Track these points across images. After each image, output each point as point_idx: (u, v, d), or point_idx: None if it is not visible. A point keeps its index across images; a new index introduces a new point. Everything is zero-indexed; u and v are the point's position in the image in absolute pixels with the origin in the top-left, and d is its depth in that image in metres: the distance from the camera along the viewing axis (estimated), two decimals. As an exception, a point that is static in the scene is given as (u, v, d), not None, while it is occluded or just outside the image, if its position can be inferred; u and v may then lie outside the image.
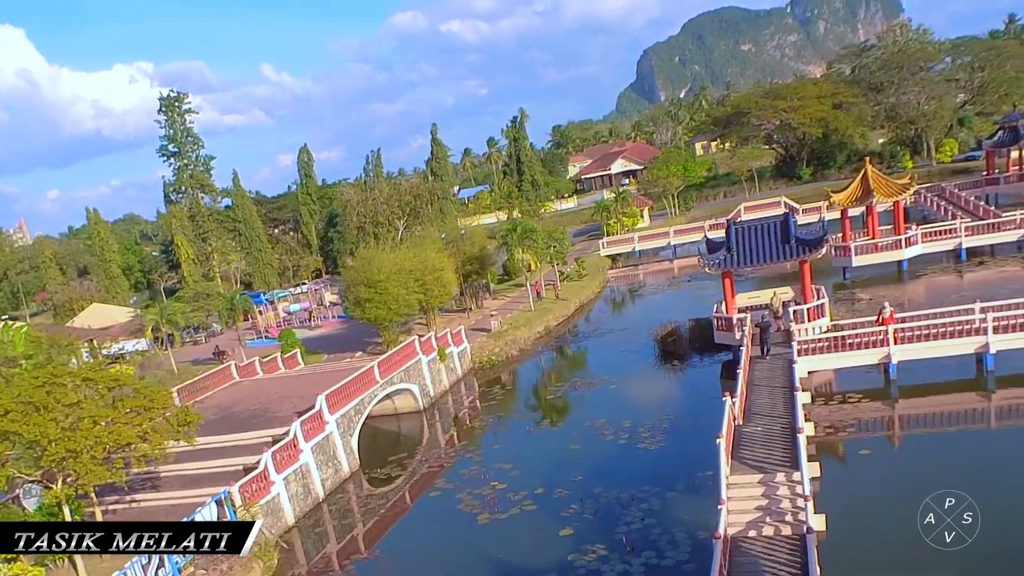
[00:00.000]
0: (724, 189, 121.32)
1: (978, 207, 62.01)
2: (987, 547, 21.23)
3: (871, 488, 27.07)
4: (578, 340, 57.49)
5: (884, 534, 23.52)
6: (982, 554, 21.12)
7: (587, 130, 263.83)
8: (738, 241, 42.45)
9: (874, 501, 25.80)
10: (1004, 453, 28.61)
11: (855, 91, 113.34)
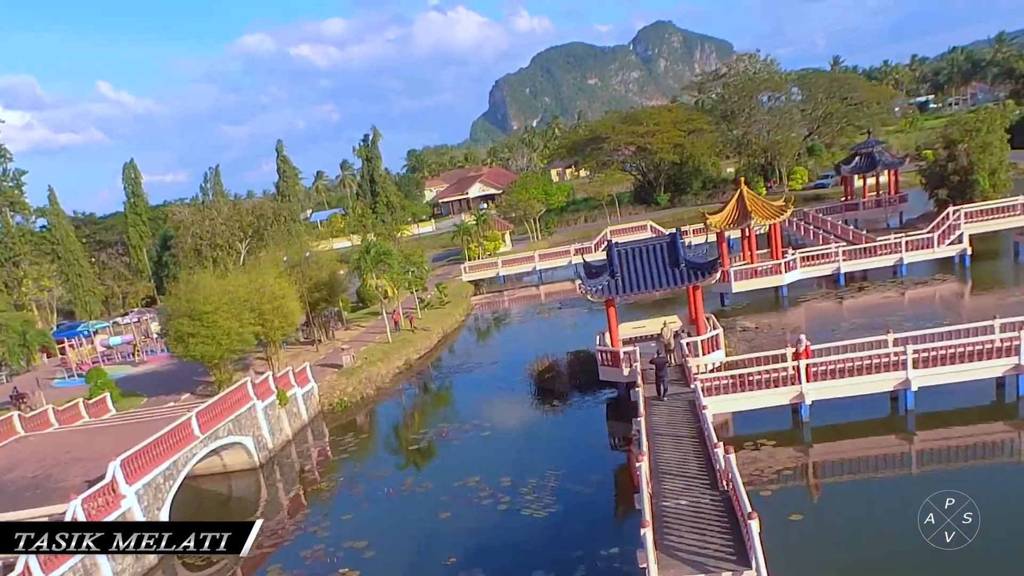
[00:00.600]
0: (585, 214, 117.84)
1: (847, 231, 59.68)
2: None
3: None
4: (444, 376, 50.65)
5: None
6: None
7: (443, 155, 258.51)
8: (622, 264, 36.98)
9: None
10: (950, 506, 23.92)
11: (708, 119, 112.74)
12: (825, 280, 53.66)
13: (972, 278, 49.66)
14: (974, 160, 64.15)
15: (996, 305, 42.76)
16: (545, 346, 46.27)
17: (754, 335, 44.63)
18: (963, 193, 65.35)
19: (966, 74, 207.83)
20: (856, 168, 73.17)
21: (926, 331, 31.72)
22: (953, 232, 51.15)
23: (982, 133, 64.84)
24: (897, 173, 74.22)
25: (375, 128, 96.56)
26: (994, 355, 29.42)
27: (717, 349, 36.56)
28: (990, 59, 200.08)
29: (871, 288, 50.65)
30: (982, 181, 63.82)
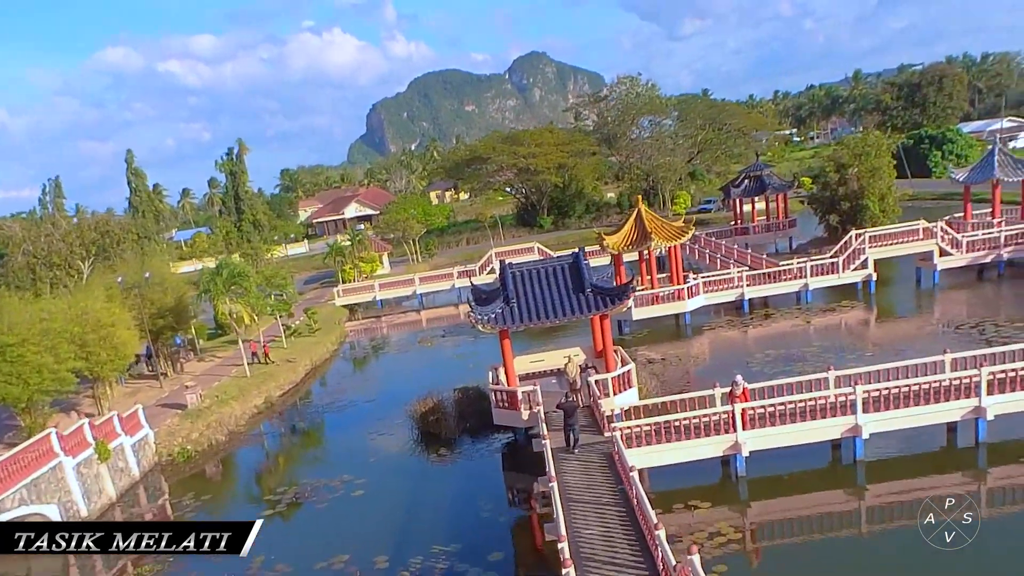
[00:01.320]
0: (467, 236, 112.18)
1: (745, 255, 56.14)
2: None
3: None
4: (311, 416, 43.30)
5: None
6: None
7: (318, 175, 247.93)
8: (518, 290, 31.20)
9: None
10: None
11: (591, 140, 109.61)
12: (726, 307, 49.60)
13: (878, 305, 46.60)
14: (864, 185, 62.22)
15: (913, 335, 39.49)
16: (428, 380, 40.03)
17: (662, 368, 39.69)
18: (854, 218, 63.32)
19: (826, 109, 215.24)
20: (746, 191, 70.47)
21: (870, 368, 27.17)
22: (858, 257, 48.02)
23: (871, 157, 63.06)
24: (786, 198, 72.04)
25: (241, 141, 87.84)
26: (952, 395, 25.12)
27: (629, 387, 31.19)
28: (847, 95, 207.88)
29: (777, 316, 46.79)
30: (872, 206, 61.90)
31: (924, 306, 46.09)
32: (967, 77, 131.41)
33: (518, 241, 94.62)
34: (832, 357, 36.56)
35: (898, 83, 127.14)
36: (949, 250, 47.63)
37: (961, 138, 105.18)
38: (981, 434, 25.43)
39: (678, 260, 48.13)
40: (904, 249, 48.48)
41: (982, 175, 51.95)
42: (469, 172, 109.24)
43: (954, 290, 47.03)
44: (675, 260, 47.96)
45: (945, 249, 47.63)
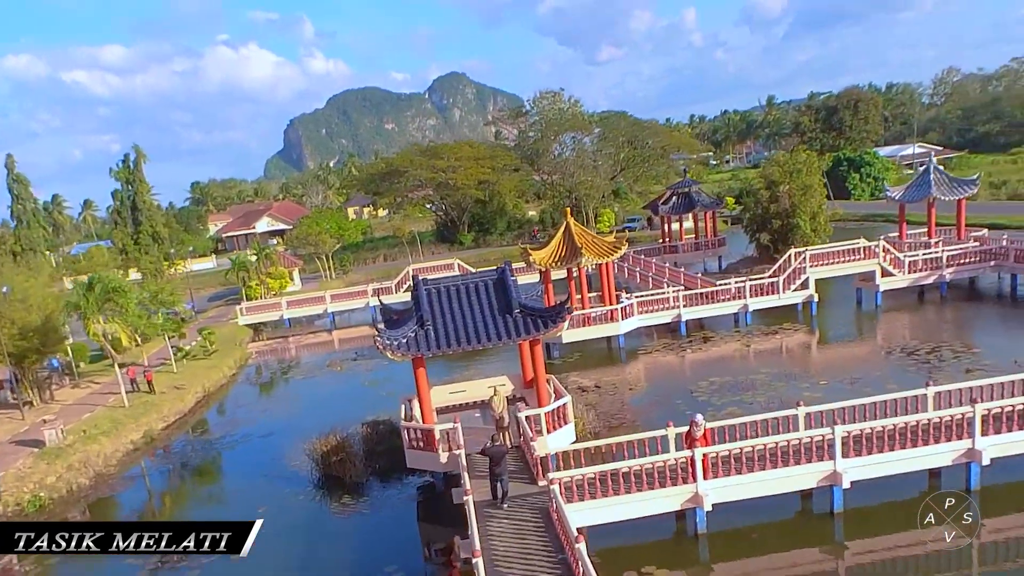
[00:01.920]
0: (384, 252, 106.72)
1: (677, 274, 52.68)
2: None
3: None
4: (196, 455, 37.29)
5: None
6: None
7: (231, 189, 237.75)
8: (435, 310, 26.52)
9: None
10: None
11: (512, 156, 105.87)
12: (662, 329, 45.84)
13: (820, 328, 43.52)
14: (796, 203, 59.74)
15: (862, 361, 36.26)
16: (336, 411, 35.16)
17: (597, 396, 35.42)
18: (785, 237, 60.77)
19: (741, 133, 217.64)
20: (674, 208, 67.40)
21: (843, 404, 23.29)
22: (798, 277, 44.91)
23: (802, 175, 60.69)
24: (715, 215, 69.31)
25: (138, 148, 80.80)
26: (942, 437, 21.46)
27: (565, 423, 26.74)
28: (762, 120, 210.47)
29: (716, 339, 43.17)
30: (803, 225, 59.41)
31: (868, 329, 43.15)
32: (881, 101, 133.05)
33: (438, 258, 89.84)
34: (783, 386, 33.01)
35: (815, 106, 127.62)
36: (891, 270, 44.96)
37: (878, 161, 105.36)
38: (973, 480, 21.84)
39: (610, 278, 44.15)
40: (845, 269, 45.60)
41: (918, 194, 49.77)
42: (385, 186, 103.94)
43: (896, 312, 44.33)
44: (607, 278, 43.95)
45: (887, 269, 44.94)
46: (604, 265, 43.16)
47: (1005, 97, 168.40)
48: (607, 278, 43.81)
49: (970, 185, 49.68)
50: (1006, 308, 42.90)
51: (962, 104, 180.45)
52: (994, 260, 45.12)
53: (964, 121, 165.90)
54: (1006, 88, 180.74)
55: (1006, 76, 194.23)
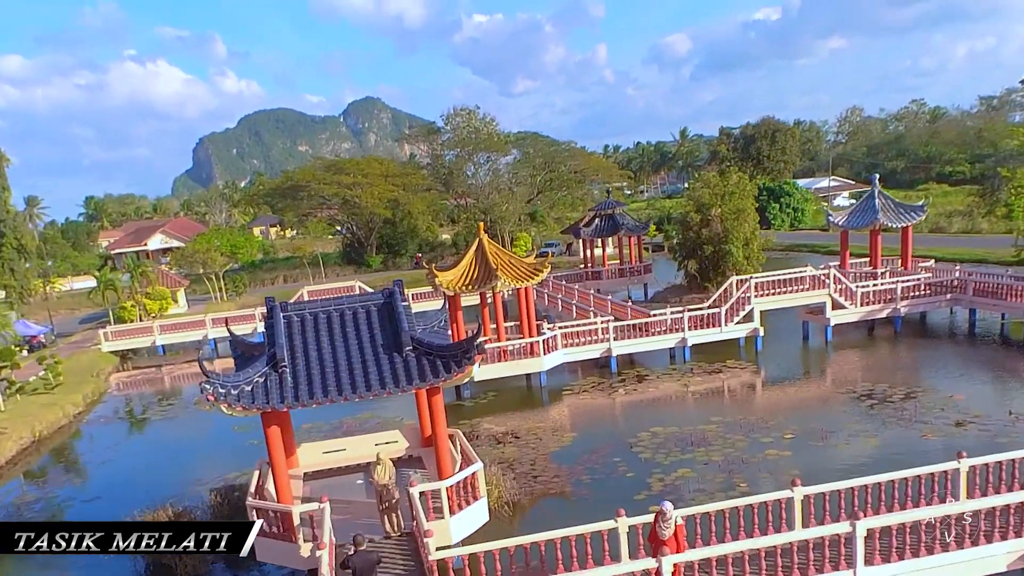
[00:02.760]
0: (284, 273, 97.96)
1: (604, 303, 46.59)
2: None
3: None
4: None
5: None
6: None
7: (128, 204, 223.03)
8: (295, 346, 19.37)
9: None
10: None
11: (424, 175, 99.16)
12: (586, 365, 39.47)
13: (766, 366, 37.82)
14: (728, 228, 54.66)
15: (822, 407, 30.51)
16: (190, 465, 27.58)
17: (515, 450, 28.55)
18: (716, 265, 55.60)
19: (656, 164, 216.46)
20: (597, 231, 61.64)
21: (850, 483, 16.96)
22: (742, 307, 39.25)
23: (735, 198, 55.75)
24: (640, 240, 63.85)
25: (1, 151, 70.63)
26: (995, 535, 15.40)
27: (475, 499, 19.79)
28: (676, 151, 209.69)
29: (652, 377, 36.95)
30: (735, 252, 54.32)
31: (821, 368, 37.59)
32: (798, 133, 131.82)
33: (342, 279, 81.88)
34: (742, 440, 26.88)
35: (732, 135, 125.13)
36: (843, 302, 39.77)
37: (797, 191, 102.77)
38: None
39: (530, 306, 37.48)
40: (791, 300, 40.20)
41: (863, 220, 45.12)
42: (288, 203, 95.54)
43: (849, 349, 39.06)
44: (527, 306, 37.26)
45: (838, 301, 39.73)
46: (523, 290, 36.56)
47: (908, 136, 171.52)
48: (527, 306, 37.18)
49: (918, 211, 45.37)
50: (967, 347, 38.06)
51: (867, 142, 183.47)
52: (950, 293, 40.49)
53: (870, 157, 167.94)
54: (907, 128, 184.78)
55: (906, 117, 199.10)
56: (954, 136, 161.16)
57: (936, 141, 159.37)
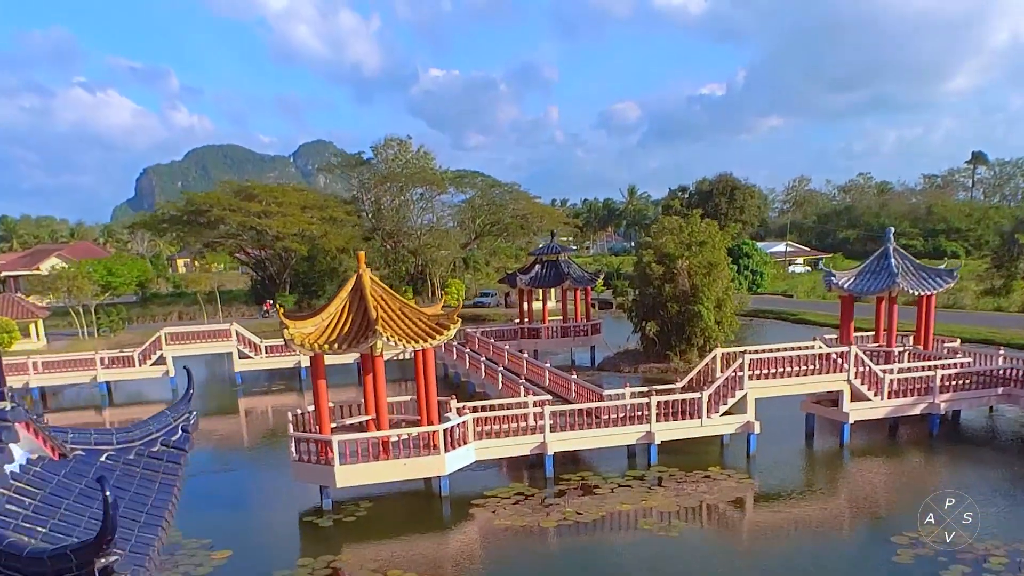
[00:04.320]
0: (180, 309, 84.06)
1: (540, 371, 34.84)
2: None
3: None
4: None
5: None
6: None
7: (43, 227, 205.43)
8: None
9: None
10: None
11: (350, 209, 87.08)
12: (511, 465, 27.36)
13: (761, 476, 26.22)
14: (698, 284, 43.73)
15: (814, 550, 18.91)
16: None
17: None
18: (681, 329, 44.51)
19: (603, 220, 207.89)
20: (538, 279, 50.16)
21: None
22: (733, 392, 27.69)
23: (706, 249, 44.99)
24: (588, 293, 52.44)
25: None
26: None
27: None
28: (623, 209, 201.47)
29: (604, 489, 24.76)
30: (705, 314, 43.39)
31: (832, 485, 26.15)
32: (758, 194, 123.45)
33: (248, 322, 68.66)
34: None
35: (688, 190, 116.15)
36: (866, 392, 28.60)
37: (757, 253, 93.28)
38: None
39: (429, 377, 25.16)
40: (796, 387, 28.83)
41: (876, 284, 34.35)
42: (187, 231, 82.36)
43: (870, 458, 27.78)
44: (424, 377, 25.01)
45: (860, 391, 28.56)
46: (422, 354, 24.44)
47: (858, 207, 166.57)
48: (424, 377, 24.95)
49: (946, 277, 34.78)
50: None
51: (816, 211, 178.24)
52: (1002, 387, 29.72)
53: (820, 225, 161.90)
54: (856, 199, 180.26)
55: (852, 189, 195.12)
56: (905, 209, 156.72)
57: (886, 213, 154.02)
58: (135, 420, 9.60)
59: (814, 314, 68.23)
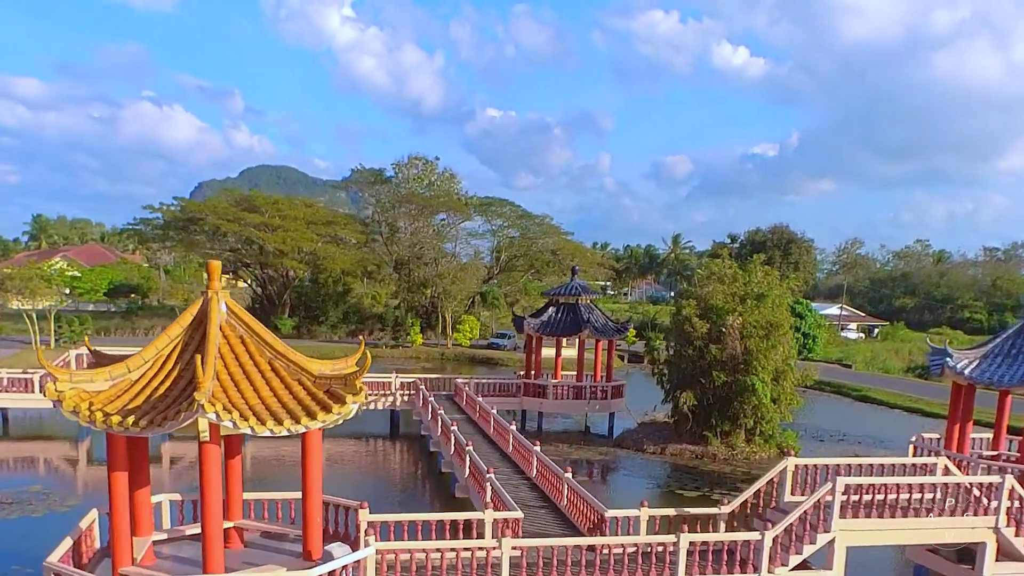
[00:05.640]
0: (164, 322, 75.38)
1: (527, 455, 24.70)
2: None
3: None
4: None
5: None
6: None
7: (76, 229, 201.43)
8: None
9: None
10: None
11: (362, 229, 78.32)
12: None
13: None
14: (753, 349, 33.35)
15: None
16: None
17: None
18: (725, 404, 34.12)
19: (643, 268, 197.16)
20: (551, 326, 40.09)
21: None
22: (817, 528, 17.17)
23: (766, 304, 34.69)
24: (612, 347, 42.17)
25: None
26: None
27: None
28: (665, 258, 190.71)
29: None
30: (760, 389, 32.92)
31: None
32: (814, 250, 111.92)
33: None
34: None
35: (739, 239, 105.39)
36: (1019, 547, 17.90)
37: (811, 314, 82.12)
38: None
39: (313, 478, 15.11)
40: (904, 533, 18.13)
41: (1016, 373, 23.66)
42: (180, 238, 74.10)
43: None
44: (308, 480, 14.88)
45: (1011, 544, 17.87)
46: (306, 437, 14.39)
47: (916, 274, 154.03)
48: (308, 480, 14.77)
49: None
50: None
51: (868, 275, 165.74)
52: None
53: (874, 291, 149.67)
54: (913, 267, 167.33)
55: (908, 256, 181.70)
56: (967, 281, 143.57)
57: (947, 283, 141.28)
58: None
59: (879, 392, 57.50)
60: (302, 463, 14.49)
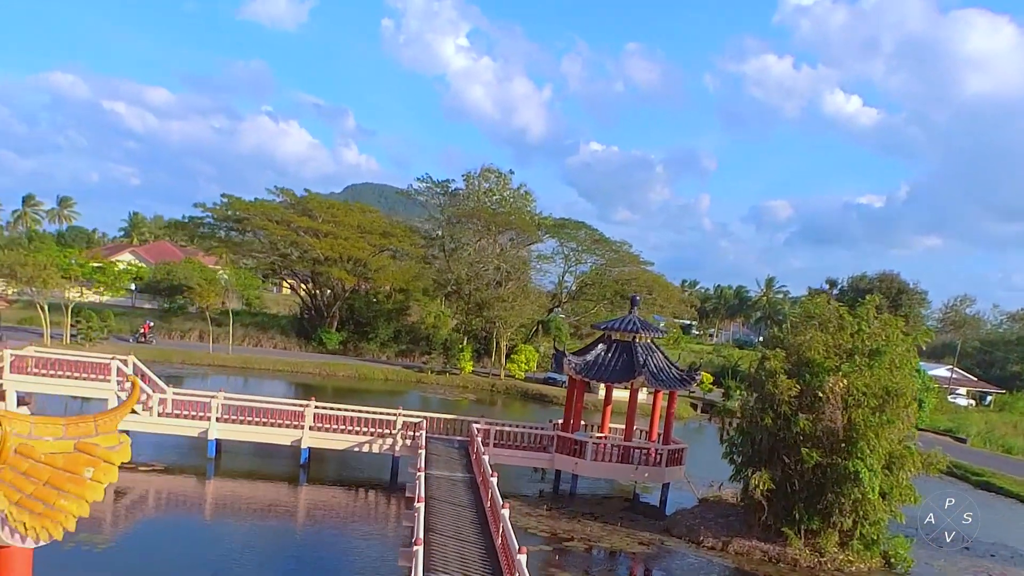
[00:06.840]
0: (203, 328, 69.98)
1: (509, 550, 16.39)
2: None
3: None
4: None
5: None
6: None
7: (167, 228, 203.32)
8: None
9: None
10: None
11: (415, 239, 71.54)
12: None
13: None
14: (861, 423, 24.08)
15: None
16: None
17: None
18: (815, 497, 24.84)
19: (733, 309, 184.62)
20: (595, 369, 31.52)
21: None
22: None
23: (883, 362, 25.46)
24: (674, 399, 33.20)
25: None
26: None
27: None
28: (756, 300, 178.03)
29: None
30: (866, 477, 23.48)
31: None
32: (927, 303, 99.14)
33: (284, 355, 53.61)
34: None
35: (839, 285, 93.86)
36: None
37: (919, 375, 70.32)
38: None
39: None
40: None
41: None
42: (223, 239, 69.05)
43: None
44: None
45: None
46: None
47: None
48: None
49: None
50: None
51: (978, 336, 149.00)
52: None
53: (984, 354, 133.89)
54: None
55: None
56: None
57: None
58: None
59: (1005, 479, 46.15)
60: None
